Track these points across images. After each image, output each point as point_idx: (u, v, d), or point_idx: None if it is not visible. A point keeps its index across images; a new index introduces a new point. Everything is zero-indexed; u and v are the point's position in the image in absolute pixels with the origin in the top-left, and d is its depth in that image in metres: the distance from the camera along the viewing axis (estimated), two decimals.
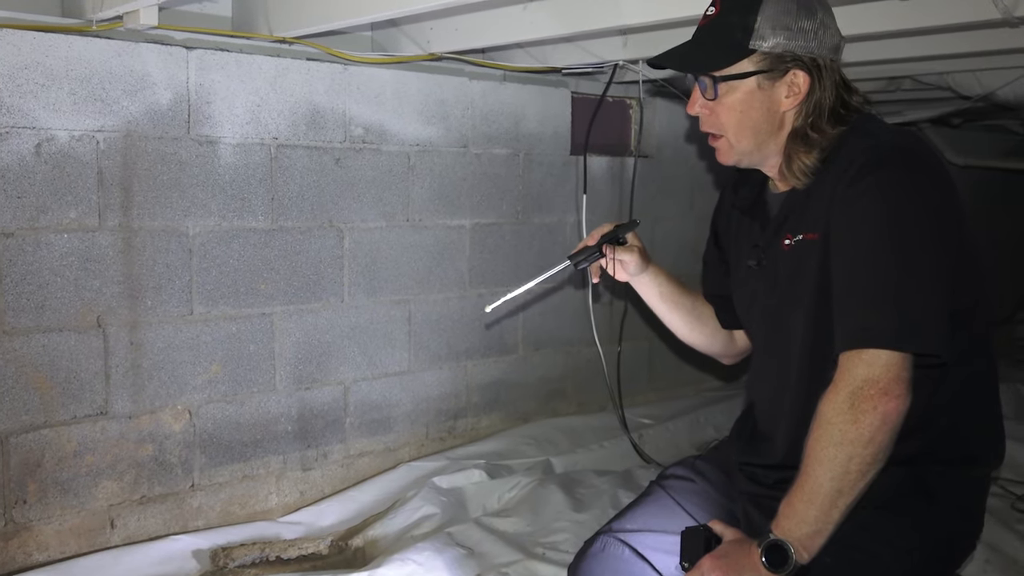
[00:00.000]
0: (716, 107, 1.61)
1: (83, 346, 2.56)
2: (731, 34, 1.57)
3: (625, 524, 1.75)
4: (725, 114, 1.61)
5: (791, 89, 1.58)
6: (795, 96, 1.58)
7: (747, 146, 1.62)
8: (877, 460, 1.42)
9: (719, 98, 1.60)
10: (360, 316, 3.14)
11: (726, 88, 1.59)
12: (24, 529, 2.51)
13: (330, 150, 3.02)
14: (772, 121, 1.60)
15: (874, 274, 1.44)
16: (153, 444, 2.72)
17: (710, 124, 1.65)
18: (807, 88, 1.58)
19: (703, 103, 1.63)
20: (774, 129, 1.61)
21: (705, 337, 1.95)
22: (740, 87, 1.58)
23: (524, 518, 2.93)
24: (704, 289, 1.97)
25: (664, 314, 1.93)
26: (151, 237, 2.66)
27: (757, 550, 1.46)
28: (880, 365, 1.41)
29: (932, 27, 2.50)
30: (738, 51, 1.57)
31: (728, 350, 1.99)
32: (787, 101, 1.59)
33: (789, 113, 1.60)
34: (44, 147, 2.46)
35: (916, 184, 1.46)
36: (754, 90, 1.58)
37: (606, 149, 3.95)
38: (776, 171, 1.66)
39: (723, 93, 1.59)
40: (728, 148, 1.65)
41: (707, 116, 1.64)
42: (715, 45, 1.59)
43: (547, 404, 3.79)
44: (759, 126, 1.60)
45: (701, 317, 1.93)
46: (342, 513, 2.98)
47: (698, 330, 1.94)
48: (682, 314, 1.92)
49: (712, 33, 1.61)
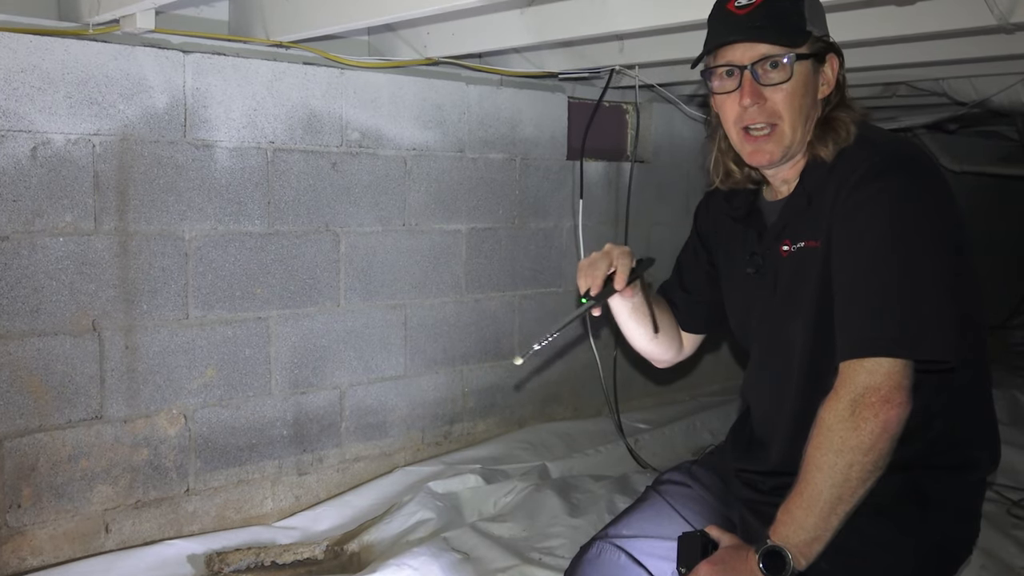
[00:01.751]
0: (775, 93, 1.54)
1: (78, 350, 2.56)
2: (790, 18, 1.54)
3: (621, 530, 1.74)
4: (786, 99, 1.54)
5: (825, 76, 1.58)
6: (827, 84, 1.58)
7: (799, 135, 1.57)
8: (877, 468, 1.42)
9: (786, 82, 1.53)
10: (356, 321, 3.14)
11: (797, 70, 1.54)
12: (18, 534, 2.50)
13: (326, 154, 3.02)
14: (815, 108, 1.59)
15: (876, 282, 1.44)
16: (148, 448, 2.71)
17: (765, 113, 1.56)
18: (836, 75, 1.58)
19: (756, 92, 1.55)
20: (814, 118, 1.59)
21: (661, 346, 1.91)
22: (801, 70, 1.55)
23: (520, 523, 2.92)
24: (669, 291, 1.94)
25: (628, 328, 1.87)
26: (147, 241, 2.66)
27: (754, 556, 1.46)
28: (882, 373, 1.41)
29: (928, 33, 2.51)
30: (802, 33, 1.54)
31: (674, 357, 1.96)
32: (823, 88, 1.58)
33: (820, 101, 1.59)
34: (40, 150, 2.46)
35: (917, 192, 1.47)
36: (810, 74, 1.56)
37: (602, 154, 3.95)
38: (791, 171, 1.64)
39: (796, 73, 1.53)
40: (779, 139, 1.57)
41: (761, 105, 1.55)
42: (782, 26, 1.53)
43: (543, 409, 3.78)
44: (809, 113, 1.58)
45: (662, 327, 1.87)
46: (338, 518, 2.98)
47: (655, 340, 1.89)
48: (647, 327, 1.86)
49: (769, 17, 1.54)
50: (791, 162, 1.63)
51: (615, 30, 2.66)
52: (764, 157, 1.59)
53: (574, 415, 3.88)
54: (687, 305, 1.92)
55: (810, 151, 1.59)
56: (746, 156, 1.62)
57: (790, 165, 1.63)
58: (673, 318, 1.93)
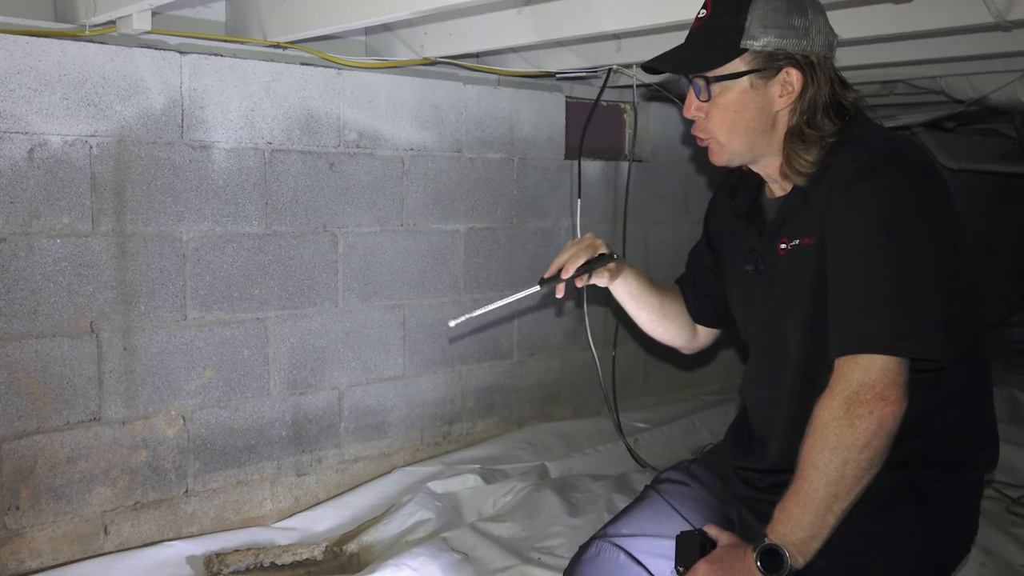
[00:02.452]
0: (710, 109, 1.60)
1: (76, 352, 2.56)
2: (723, 34, 1.57)
3: (620, 529, 1.74)
4: (718, 115, 1.60)
5: (784, 88, 1.58)
6: (788, 95, 1.58)
7: (739, 147, 1.62)
8: (873, 465, 1.42)
9: (713, 99, 1.59)
10: (354, 321, 3.14)
11: (720, 88, 1.58)
12: (17, 536, 2.50)
13: (324, 155, 3.01)
14: (766, 121, 1.60)
15: (869, 279, 1.44)
16: (147, 450, 2.71)
17: (699, 127, 1.64)
18: (800, 86, 1.57)
19: (698, 105, 1.62)
20: (767, 128, 1.60)
21: (668, 332, 1.97)
22: (733, 87, 1.58)
23: (519, 523, 2.92)
24: (683, 284, 1.98)
25: (631, 310, 1.94)
26: (144, 242, 2.65)
27: (752, 555, 1.46)
28: (876, 370, 1.41)
29: (925, 31, 2.51)
30: (730, 51, 1.56)
31: (690, 344, 2.01)
32: (781, 100, 1.59)
33: (783, 112, 1.60)
34: (37, 152, 2.46)
35: (911, 189, 1.47)
36: (747, 90, 1.58)
37: (600, 153, 3.95)
38: (774, 172, 1.65)
39: (717, 94, 1.59)
40: (719, 149, 1.64)
41: (699, 119, 1.63)
42: (708, 46, 1.59)
43: (542, 409, 3.78)
44: (752, 126, 1.60)
45: (668, 315, 1.94)
46: (337, 518, 2.98)
47: (663, 327, 1.96)
48: (648, 312, 1.93)
49: (704, 34, 1.60)
50: (762, 162, 1.66)
51: (612, 29, 2.66)
52: (715, 158, 1.67)
53: (573, 415, 3.88)
54: (695, 298, 1.96)
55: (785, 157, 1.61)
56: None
57: (763, 166, 1.66)
58: (684, 307, 1.96)
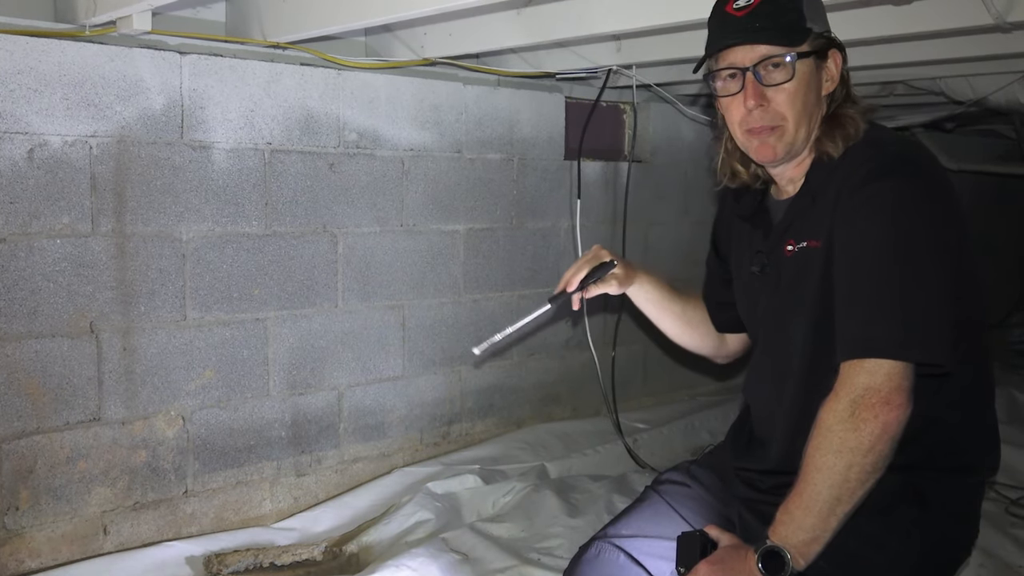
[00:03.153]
0: (778, 93, 1.54)
1: (76, 352, 2.55)
2: (787, 15, 1.54)
3: (620, 529, 1.74)
4: (789, 99, 1.54)
5: (829, 72, 1.58)
6: (831, 80, 1.58)
7: (802, 132, 1.57)
8: (876, 469, 1.42)
9: (788, 82, 1.54)
10: (354, 321, 3.14)
11: (801, 67, 1.54)
12: (16, 536, 2.50)
13: (324, 155, 3.01)
14: (819, 106, 1.59)
15: (877, 283, 1.44)
16: (146, 450, 2.70)
17: (768, 115, 1.56)
18: (839, 71, 1.58)
19: (760, 93, 1.55)
20: (818, 115, 1.59)
21: (694, 339, 1.98)
22: (803, 69, 1.54)
23: (519, 523, 2.92)
24: (705, 293, 1.98)
25: (654, 318, 1.95)
26: (144, 242, 2.65)
27: (753, 556, 1.46)
28: (882, 374, 1.41)
29: (925, 32, 2.51)
30: (802, 31, 1.54)
31: (719, 351, 2.01)
32: (827, 85, 1.58)
33: (825, 98, 1.59)
34: (37, 152, 2.46)
35: (920, 194, 1.46)
36: (813, 71, 1.56)
37: (600, 154, 3.95)
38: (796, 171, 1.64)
39: (799, 72, 1.53)
40: (781, 137, 1.57)
41: (765, 107, 1.55)
42: (780, 25, 1.53)
43: (542, 409, 3.78)
44: (813, 111, 1.58)
45: (691, 322, 1.95)
46: (336, 519, 2.97)
47: (687, 333, 1.96)
48: (671, 319, 1.93)
49: (766, 17, 1.53)
50: (796, 160, 1.63)
51: (612, 30, 2.66)
52: (769, 152, 1.59)
53: (572, 415, 3.88)
54: (714, 307, 1.95)
55: (817, 148, 1.60)
56: (752, 152, 1.62)
57: (795, 163, 1.63)
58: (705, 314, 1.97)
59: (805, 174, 1.62)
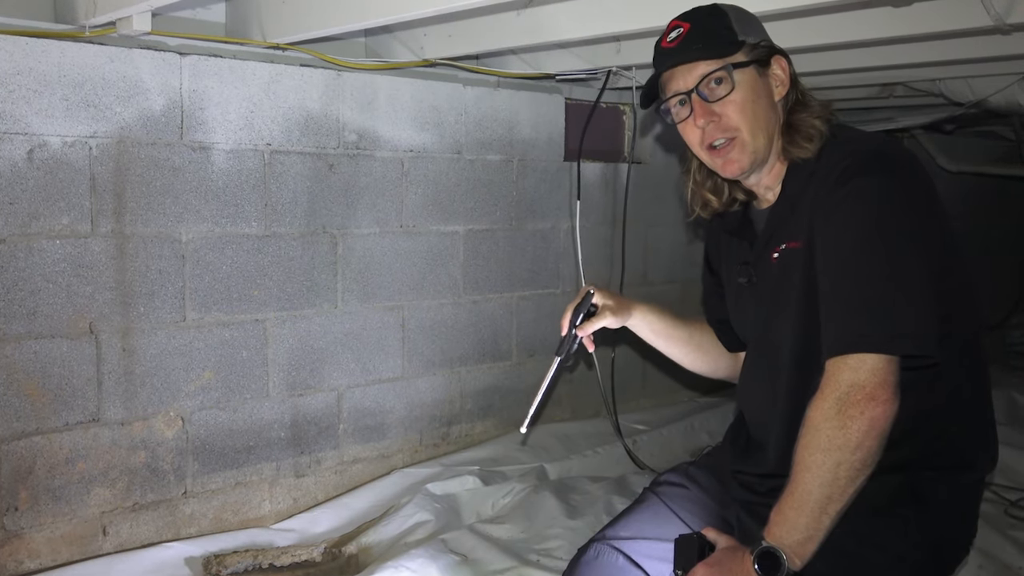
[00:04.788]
0: (725, 106, 1.58)
1: (75, 353, 2.56)
2: (717, 33, 1.58)
3: (619, 531, 1.75)
4: (738, 109, 1.58)
5: (777, 78, 1.61)
6: (782, 85, 1.62)
7: (761, 141, 1.60)
8: (866, 465, 1.42)
9: (736, 87, 1.57)
10: (354, 322, 3.14)
11: (740, 76, 1.57)
12: (15, 537, 2.50)
13: (324, 156, 3.01)
14: (774, 111, 1.62)
15: (857, 278, 1.45)
16: (146, 451, 2.71)
17: (720, 129, 1.60)
18: (788, 76, 1.62)
19: (708, 110, 1.59)
20: (776, 121, 1.61)
21: (707, 364, 1.97)
22: (744, 79, 1.58)
23: (518, 525, 2.92)
24: (706, 315, 1.98)
25: (661, 348, 1.94)
26: (144, 243, 2.65)
27: (750, 557, 1.46)
28: (866, 370, 1.41)
29: (924, 34, 2.51)
30: (733, 44, 1.58)
31: (734, 373, 1.97)
32: (778, 90, 1.62)
33: (779, 103, 1.62)
34: (36, 153, 2.46)
35: (897, 188, 1.47)
36: (756, 79, 1.59)
37: (600, 155, 3.95)
38: (770, 179, 1.66)
39: (738, 81, 1.57)
40: (742, 148, 1.60)
41: (716, 123, 1.59)
42: (711, 43, 1.58)
43: (541, 410, 3.78)
44: (768, 117, 1.60)
45: (701, 346, 1.94)
46: (335, 520, 2.97)
47: (700, 359, 1.95)
48: (679, 346, 1.93)
49: (698, 39, 1.59)
50: (767, 167, 1.65)
51: (612, 31, 2.66)
52: (734, 167, 1.62)
53: (572, 416, 3.88)
54: (719, 325, 1.94)
55: (786, 155, 1.62)
56: (719, 170, 1.65)
57: (767, 170, 1.65)
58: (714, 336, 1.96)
59: (781, 181, 1.64)
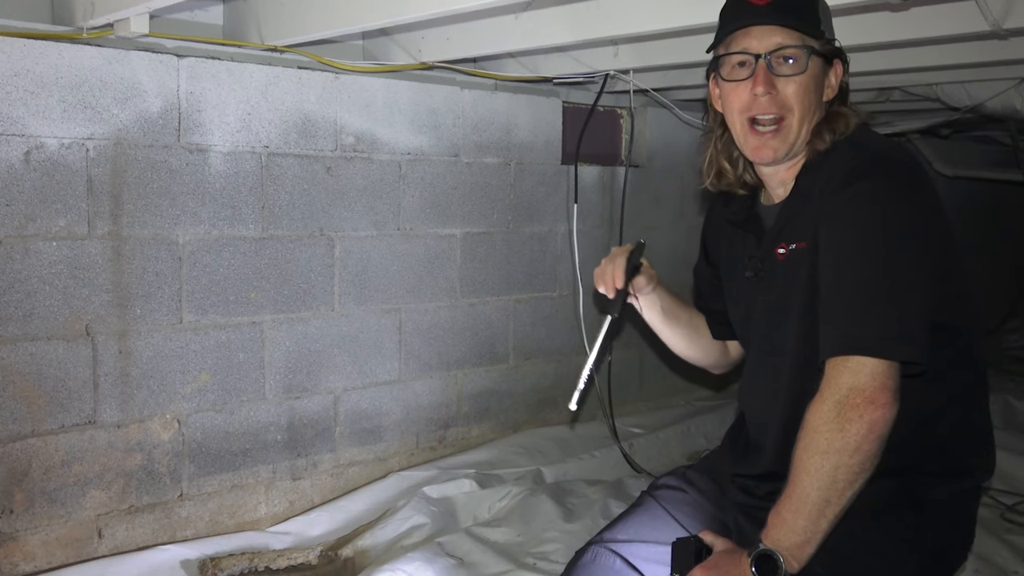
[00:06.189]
0: (788, 85, 1.55)
1: (71, 355, 2.55)
2: (807, 15, 1.56)
3: (616, 534, 1.74)
4: (798, 91, 1.55)
5: (829, 81, 1.60)
6: (831, 89, 1.60)
7: (804, 131, 1.58)
8: (864, 469, 1.41)
9: (799, 75, 1.54)
10: (351, 325, 3.13)
11: (813, 62, 1.55)
12: (10, 539, 2.49)
13: (321, 159, 3.01)
14: (820, 109, 1.60)
15: (859, 281, 1.44)
16: (142, 453, 2.70)
17: (776, 104, 1.56)
18: (839, 81, 1.60)
19: (769, 80, 1.55)
20: (817, 118, 1.59)
21: (701, 349, 1.97)
22: (813, 66, 1.56)
23: (515, 528, 2.92)
24: (696, 302, 1.98)
25: (663, 329, 1.93)
26: (140, 245, 2.65)
27: (747, 560, 1.46)
28: (866, 373, 1.40)
29: (921, 39, 2.52)
30: (817, 32, 1.56)
31: (721, 361, 2.00)
32: (828, 92, 1.60)
33: (824, 104, 1.61)
34: (33, 154, 2.45)
35: (902, 194, 1.47)
36: (820, 73, 1.58)
37: (597, 158, 3.95)
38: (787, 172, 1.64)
39: (811, 66, 1.55)
40: (785, 135, 1.57)
41: (773, 95, 1.55)
42: (801, 15, 1.55)
43: (538, 413, 3.78)
44: (815, 111, 1.59)
45: (697, 330, 1.95)
46: (332, 523, 2.97)
47: (696, 343, 1.95)
48: (681, 328, 1.92)
49: (789, 7, 1.55)
50: (791, 162, 1.63)
51: (610, 35, 2.67)
52: (768, 153, 1.59)
53: (569, 419, 3.87)
54: (710, 315, 1.94)
55: (808, 149, 1.60)
56: (749, 151, 1.62)
57: (788, 166, 1.63)
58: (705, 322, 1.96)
59: (796, 177, 1.63)
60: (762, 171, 1.68)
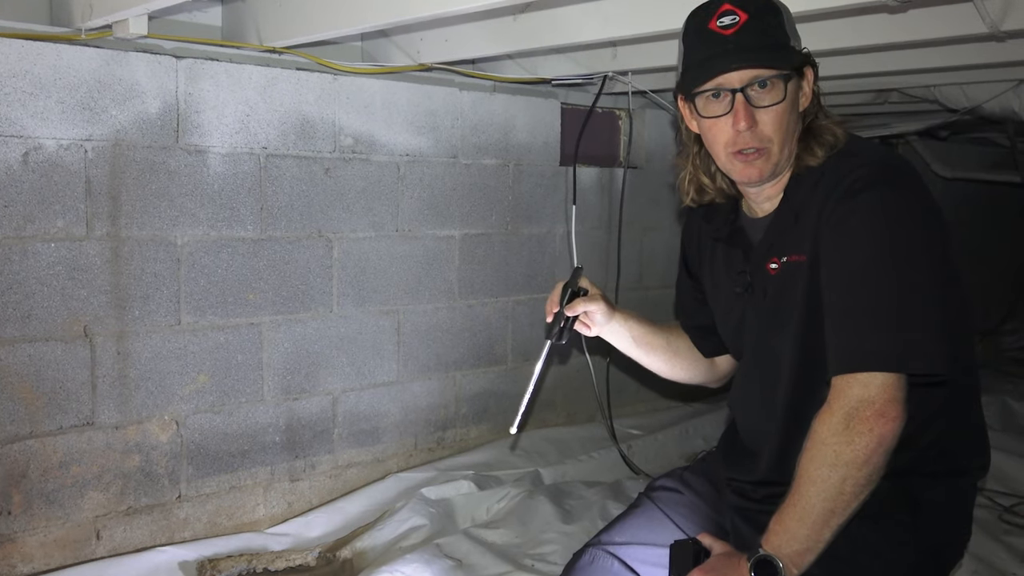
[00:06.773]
0: (765, 114, 1.50)
1: (69, 356, 2.55)
2: (774, 34, 1.50)
3: (614, 536, 1.74)
4: (777, 120, 1.51)
5: (804, 90, 1.56)
6: (806, 97, 1.57)
7: (786, 153, 1.55)
8: (871, 481, 1.41)
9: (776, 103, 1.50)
10: (349, 326, 3.13)
11: (790, 87, 1.51)
12: (8, 541, 2.49)
13: (319, 160, 3.01)
14: (799, 123, 1.57)
15: (869, 294, 1.43)
16: (140, 455, 2.70)
17: (756, 137, 1.52)
18: (811, 87, 1.57)
19: (750, 115, 1.50)
20: (797, 132, 1.57)
21: (685, 370, 1.95)
22: (790, 89, 1.51)
23: (513, 529, 2.92)
24: (681, 320, 1.96)
25: (641, 358, 1.91)
26: (139, 246, 2.65)
27: (746, 564, 1.46)
28: (876, 386, 1.40)
29: (919, 41, 2.51)
30: (788, 49, 1.51)
31: (710, 377, 1.97)
32: (803, 101, 1.56)
33: (800, 115, 1.57)
34: (32, 156, 2.45)
35: (904, 205, 1.46)
36: (795, 90, 1.53)
37: (595, 160, 3.96)
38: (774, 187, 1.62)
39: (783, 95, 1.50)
40: (768, 159, 1.54)
41: (754, 129, 1.51)
42: (770, 45, 1.50)
43: (536, 415, 3.78)
44: (794, 128, 1.55)
45: (679, 352, 1.92)
46: (330, 524, 2.97)
47: (678, 365, 1.93)
48: (658, 354, 1.91)
49: (755, 36, 1.49)
50: (777, 178, 1.61)
51: (608, 36, 2.67)
52: (755, 173, 1.56)
53: (567, 421, 3.88)
54: (696, 331, 1.92)
55: (796, 163, 1.58)
56: (736, 173, 1.59)
57: (775, 182, 1.61)
58: (690, 341, 1.94)
59: (783, 190, 1.61)
60: (746, 189, 1.66)
